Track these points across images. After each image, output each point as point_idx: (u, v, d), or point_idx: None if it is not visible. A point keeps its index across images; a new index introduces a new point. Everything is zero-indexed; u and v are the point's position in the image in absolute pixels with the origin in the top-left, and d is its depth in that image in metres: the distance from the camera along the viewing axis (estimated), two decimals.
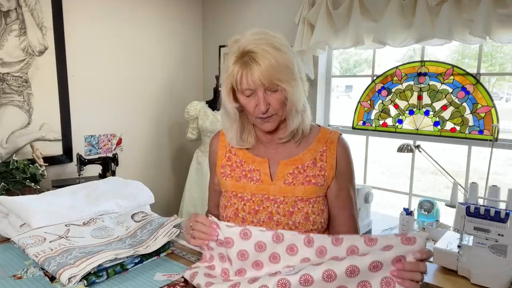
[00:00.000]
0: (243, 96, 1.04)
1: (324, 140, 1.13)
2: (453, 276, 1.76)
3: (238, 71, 1.00)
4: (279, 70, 0.99)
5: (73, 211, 1.36)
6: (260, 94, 1.01)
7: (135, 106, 3.01)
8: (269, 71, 0.97)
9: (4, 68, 2.27)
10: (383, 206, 4.80)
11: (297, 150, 1.13)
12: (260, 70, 0.97)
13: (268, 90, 1.01)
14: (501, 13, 1.88)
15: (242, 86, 1.01)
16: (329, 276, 0.81)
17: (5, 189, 2.02)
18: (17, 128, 2.36)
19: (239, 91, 1.04)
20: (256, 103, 1.02)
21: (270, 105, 1.02)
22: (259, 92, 1.01)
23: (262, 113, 1.03)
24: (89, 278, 1.01)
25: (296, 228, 1.07)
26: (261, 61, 0.98)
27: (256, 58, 0.98)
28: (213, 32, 3.34)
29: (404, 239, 0.82)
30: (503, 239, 1.61)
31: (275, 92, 1.01)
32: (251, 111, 1.04)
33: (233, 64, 1.03)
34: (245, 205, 1.11)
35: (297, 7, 2.61)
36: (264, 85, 0.99)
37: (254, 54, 0.99)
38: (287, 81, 1.00)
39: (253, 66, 0.98)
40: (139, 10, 2.94)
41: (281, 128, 1.12)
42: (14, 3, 2.27)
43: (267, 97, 1.02)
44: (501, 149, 2.14)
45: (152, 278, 1.06)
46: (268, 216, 1.08)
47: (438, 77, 2.30)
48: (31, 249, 1.11)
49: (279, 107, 1.04)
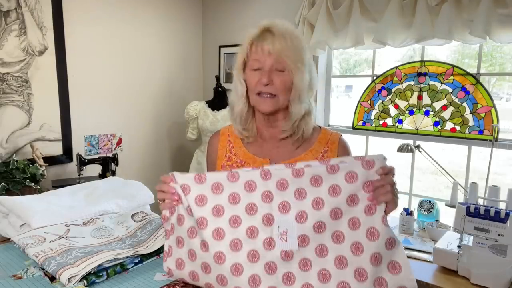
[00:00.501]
0: (249, 71, 1.06)
1: (325, 141, 1.14)
2: (453, 276, 1.76)
3: (253, 41, 1.05)
4: (291, 49, 1.02)
5: (73, 211, 1.36)
6: (267, 67, 1.03)
7: (135, 106, 3.01)
8: (282, 46, 1.01)
9: (4, 68, 2.27)
10: None
11: (299, 151, 1.13)
12: (273, 42, 1.01)
13: (276, 68, 1.03)
14: (501, 13, 1.88)
15: (252, 56, 1.05)
16: (319, 227, 0.86)
17: (5, 189, 2.02)
18: (17, 128, 2.36)
19: (248, 65, 1.07)
20: (260, 77, 1.04)
21: (273, 83, 1.04)
22: (266, 65, 1.03)
23: (264, 85, 1.03)
24: (89, 278, 1.01)
25: None
26: (277, 34, 1.02)
27: (273, 31, 1.03)
28: (213, 32, 3.34)
29: (364, 163, 0.86)
30: (503, 239, 1.61)
31: (281, 73, 1.04)
32: (254, 85, 1.06)
33: (249, 37, 1.06)
34: None
35: (297, 7, 2.61)
36: (271, 58, 1.02)
37: (272, 28, 1.04)
38: (294, 62, 1.03)
39: (268, 37, 1.03)
40: (139, 10, 2.94)
41: (280, 118, 1.12)
42: (14, 3, 2.27)
43: (272, 75, 1.04)
44: (501, 149, 2.14)
45: (152, 278, 1.06)
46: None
47: (438, 77, 2.30)
48: (31, 249, 1.11)
49: (282, 88, 1.05)
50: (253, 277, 0.88)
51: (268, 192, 0.90)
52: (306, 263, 0.87)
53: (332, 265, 0.86)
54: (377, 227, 0.86)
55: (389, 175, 0.87)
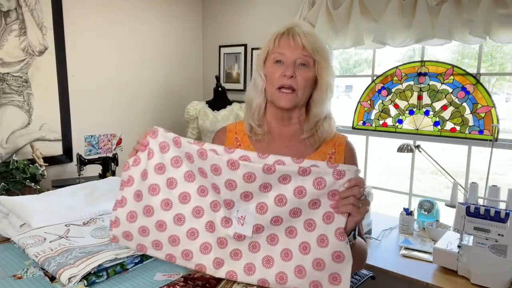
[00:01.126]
0: (271, 63, 1.05)
1: (333, 142, 1.14)
2: (453, 276, 1.76)
3: (280, 35, 1.05)
4: (319, 44, 1.04)
5: (73, 211, 1.36)
6: (291, 61, 1.02)
7: (135, 106, 3.01)
8: (313, 41, 1.02)
9: (4, 68, 2.27)
10: (383, 206, 4.80)
11: (308, 152, 1.12)
12: (304, 36, 1.02)
13: (300, 63, 1.03)
14: (501, 13, 1.88)
15: (277, 49, 1.04)
16: (276, 221, 0.89)
17: (5, 189, 2.02)
18: (17, 128, 2.36)
19: (269, 59, 1.06)
20: (283, 70, 1.02)
21: (295, 77, 1.02)
22: (290, 58, 1.02)
23: (288, 77, 1.01)
24: (89, 278, 1.01)
25: None
26: (305, 31, 1.03)
27: (301, 27, 1.04)
28: (213, 32, 3.34)
29: (336, 172, 0.87)
30: (503, 239, 1.61)
31: (304, 68, 1.03)
32: (275, 79, 1.04)
33: (276, 32, 1.06)
34: None
35: (297, 7, 2.61)
36: (300, 51, 1.02)
37: (300, 26, 1.05)
38: (324, 59, 1.04)
39: (297, 32, 1.03)
40: (139, 10, 2.94)
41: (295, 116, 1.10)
42: (14, 3, 2.27)
43: (295, 68, 1.02)
44: (501, 149, 2.14)
45: (152, 278, 1.06)
46: None
47: (438, 77, 2.30)
48: (31, 249, 1.11)
49: (304, 84, 1.03)
50: (205, 244, 0.94)
51: (232, 181, 0.89)
52: (255, 245, 0.92)
53: (278, 254, 0.91)
54: (329, 237, 0.88)
55: (356, 188, 0.86)
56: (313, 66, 1.04)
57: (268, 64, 1.06)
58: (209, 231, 0.94)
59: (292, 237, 0.90)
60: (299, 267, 0.89)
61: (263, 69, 1.08)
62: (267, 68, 1.06)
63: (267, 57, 1.08)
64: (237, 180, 0.89)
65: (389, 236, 2.28)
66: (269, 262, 0.91)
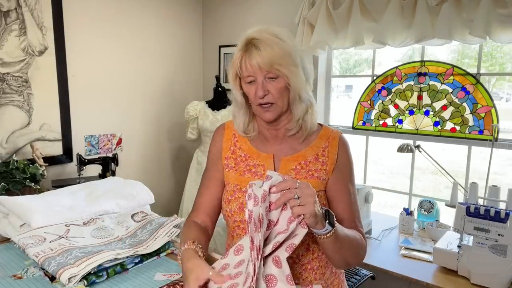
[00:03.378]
0: (245, 84, 1.08)
1: (326, 137, 1.15)
2: (453, 276, 1.77)
3: (240, 57, 1.05)
4: (279, 56, 1.02)
5: (73, 211, 1.36)
6: (260, 79, 1.04)
7: (135, 106, 3.01)
8: (269, 56, 1.01)
9: (4, 68, 2.27)
10: (383, 206, 4.80)
11: (300, 147, 1.14)
12: (260, 55, 1.01)
13: (268, 77, 1.04)
14: (501, 13, 1.88)
15: (243, 73, 1.06)
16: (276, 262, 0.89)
17: (5, 189, 2.02)
18: (17, 128, 2.36)
19: (242, 78, 1.08)
20: (256, 90, 1.05)
21: (269, 92, 1.05)
22: (258, 78, 1.04)
23: (260, 98, 1.04)
24: (89, 278, 1.01)
25: (300, 261, 1.08)
26: (261, 46, 1.02)
27: (257, 44, 1.02)
28: (213, 32, 3.34)
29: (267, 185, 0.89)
30: (503, 239, 1.61)
31: (275, 80, 1.04)
32: (252, 98, 1.07)
33: (237, 51, 1.07)
34: None
35: (297, 7, 2.61)
36: (262, 70, 1.02)
37: (256, 40, 1.03)
38: (287, 67, 1.03)
39: (253, 52, 1.02)
40: (139, 10, 2.94)
41: (283, 120, 1.13)
42: (14, 3, 2.27)
43: (266, 84, 1.04)
44: (501, 149, 2.14)
45: (152, 278, 1.06)
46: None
47: (438, 77, 2.30)
48: (31, 249, 1.11)
49: (278, 96, 1.05)
50: None
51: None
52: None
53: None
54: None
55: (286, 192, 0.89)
56: (281, 75, 1.04)
57: (243, 85, 1.09)
58: None
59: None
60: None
61: (238, 88, 1.11)
62: (244, 88, 1.09)
63: (239, 78, 1.10)
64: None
65: (389, 236, 2.28)
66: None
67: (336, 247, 0.97)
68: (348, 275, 1.85)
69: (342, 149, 1.14)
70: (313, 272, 1.10)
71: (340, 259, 1.02)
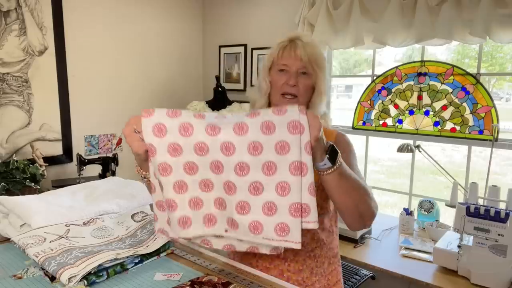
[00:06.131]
0: (275, 72, 1.16)
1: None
2: (453, 276, 1.77)
3: (284, 46, 1.16)
4: (318, 57, 1.15)
5: (73, 211, 1.36)
6: (293, 69, 1.13)
7: (135, 106, 3.01)
8: (312, 52, 1.13)
9: (4, 68, 2.27)
10: (383, 206, 4.80)
11: None
12: (305, 49, 1.13)
13: (301, 71, 1.13)
14: (501, 13, 1.88)
15: (280, 61, 1.15)
16: (241, 169, 0.84)
17: (5, 189, 2.02)
18: (17, 128, 2.36)
19: (274, 68, 1.17)
20: (287, 78, 1.13)
21: (298, 85, 1.13)
22: (293, 68, 1.13)
23: (291, 86, 1.12)
24: (89, 278, 1.01)
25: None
26: (306, 42, 1.15)
27: (302, 39, 1.15)
28: (213, 32, 3.34)
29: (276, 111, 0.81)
30: (503, 239, 1.61)
31: (306, 76, 1.14)
32: (279, 86, 1.15)
33: (280, 43, 1.18)
34: None
35: (297, 7, 2.61)
36: (301, 62, 1.12)
37: (301, 37, 1.16)
38: (320, 69, 1.15)
39: (299, 45, 1.14)
40: (139, 10, 2.94)
41: None
42: (14, 3, 2.27)
43: (298, 77, 1.14)
44: (501, 149, 2.14)
45: (152, 278, 1.06)
46: None
47: (438, 77, 2.30)
48: (31, 249, 1.11)
49: (304, 91, 1.14)
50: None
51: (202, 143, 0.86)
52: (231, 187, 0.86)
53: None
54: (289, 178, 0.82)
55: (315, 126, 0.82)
56: (312, 75, 1.15)
57: (273, 72, 1.17)
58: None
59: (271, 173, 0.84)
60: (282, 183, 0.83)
61: (268, 76, 1.19)
62: (272, 76, 1.18)
63: (272, 66, 1.19)
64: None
65: (389, 236, 2.28)
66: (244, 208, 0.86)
67: (341, 187, 0.93)
68: (348, 275, 1.85)
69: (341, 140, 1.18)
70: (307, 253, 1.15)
71: (349, 202, 0.97)
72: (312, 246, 1.18)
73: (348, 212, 1.00)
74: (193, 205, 0.90)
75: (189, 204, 0.90)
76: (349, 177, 0.95)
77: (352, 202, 0.97)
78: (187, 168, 0.89)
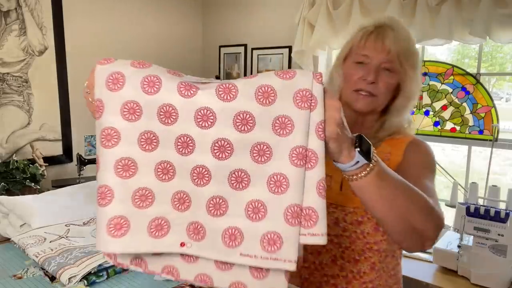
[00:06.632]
0: (351, 63, 0.95)
1: (394, 141, 0.97)
2: (453, 276, 1.77)
3: (369, 33, 0.93)
4: (409, 51, 0.92)
5: (73, 211, 1.36)
6: (375, 63, 0.91)
7: None
8: (403, 45, 0.90)
9: (4, 68, 2.27)
10: None
11: None
12: (395, 38, 0.90)
13: (384, 67, 0.91)
14: (501, 13, 1.88)
15: (360, 50, 0.93)
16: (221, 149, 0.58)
17: (5, 189, 2.02)
18: (17, 128, 2.36)
19: (350, 58, 0.95)
20: (364, 73, 0.91)
21: (377, 83, 0.91)
22: (374, 61, 0.91)
23: (368, 83, 0.91)
24: (89, 278, 1.01)
25: (365, 238, 0.93)
26: (399, 32, 0.91)
27: (393, 27, 0.91)
28: (213, 32, 3.34)
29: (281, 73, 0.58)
30: (503, 239, 1.61)
31: (389, 73, 0.92)
32: (353, 81, 0.93)
33: (363, 28, 0.95)
34: None
35: (297, 7, 2.61)
36: (387, 54, 0.90)
37: (392, 24, 0.92)
38: (410, 66, 0.92)
39: (388, 33, 0.91)
40: (139, 11, 2.94)
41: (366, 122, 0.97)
42: (14, 3, 2.27)
43: (378, 73, 0.92)
44: (501, 149, 2.14)
45: (152, 278, 1.06)
46: (333, 222, 0.96)
47: (438, 77, 2.30)
48: (31, 249, 1.11)
49: (384, 91, 0.92)
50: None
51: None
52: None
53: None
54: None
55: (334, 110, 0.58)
56: (398, 72, 0.92)
57: (349, 63, 0.96)
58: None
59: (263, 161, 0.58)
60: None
61: (342, 67, 0.98)
62: (346, 67, 0.96)
63: (348, 55, 0.97)
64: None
65: None
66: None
67: (382, 194, 0.64)
68: None
69: (410, 150, 0.94)
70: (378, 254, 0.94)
71: (395, 214, 0.67)
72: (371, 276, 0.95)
73: (396, 229, 0.70)
74: (138, 199, 0.59)
75: (132, 198, 0.59)
76: (392, 178, 0.67)
77: (400, 214, 0.67)
78: (143, 140, 0.60)
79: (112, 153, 0.60)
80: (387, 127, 0.96)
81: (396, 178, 0.68)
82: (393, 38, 0.90)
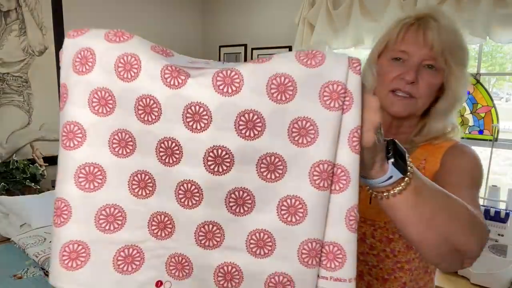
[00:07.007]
0: (387, 60, 0.83)
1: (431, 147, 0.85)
2: (453, 276, 1.76)
3: (408, 25, 0.81)
4: (456, 45, 0.79)
5: None
6: (416, 60, 0.78)
7: None
8: (449, 39, 0.77)
9: (4, 68, 2.27)
10: None
11: None
12: (440, 31, 0.77)
13: (426, 64, 0.79)
14: (501, 13, 1.88)
15: (398, 46, 0.81)
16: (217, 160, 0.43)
17: (5, 189, 2.02)
18: (17, 128, 2.36)
19: (386, 54, 0.84)
20: (402, 71, 0.79)
21: (417, 81, 0.78)
22: (414, 58, 0.78)
23: (407, 83, 0.78)
24: None
25: (395, 257, 0.82)
26: (445, 25, 0.78)
27: (438, 18, 0.78)
28: (213, 32, 3.34)
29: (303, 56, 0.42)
30: (503, 239, 1.61)
31: (432, 71, 0.79)
32: (389, 79, 0.81)
33: (402, 20, 0.82)
34: None
35: (297, 7, 2.61)
36: (429, 50, 0.77)
37: (436, 15, 0.79)
38: (456, 62, 0.79)
39: (431, 24, 0.77)
40: (139, 10, 2.94)
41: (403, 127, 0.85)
42: (14, 3, 2.27)
43: (419, 71, 0.79)
44: (501, 149, 2.14)
45: None
46: (360, 237, 0.83)
47: None
48: (31, 249, 1.12)
49: (425, 91, 0.79)
50: None
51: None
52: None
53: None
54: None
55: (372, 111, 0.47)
56: (442, 70, 0.79)
57: (384, 60, 0.84)
58: None
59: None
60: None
61: (376, 64, 0.85)
62: (381, 65, 0.84)
63: (384, 50, 0.85)
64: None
65: None
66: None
67: (419, 213, 0.53)
68: None
69: (450, 155, 0.81)
70: (410, 273, 0.83)
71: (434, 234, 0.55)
72: None
73: (434, 252, 0.57)
74: (104, 220, 0.46)
75: (96, 218, 0.46)
76: (430, 192, 0.55)
77: (439, 234, 0.55)
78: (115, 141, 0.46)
79: (73, 156, 0.46)
80: (425, 133, 0.84)
81: (435, 191, 0.56)
82: (436, 30, 0.77)
